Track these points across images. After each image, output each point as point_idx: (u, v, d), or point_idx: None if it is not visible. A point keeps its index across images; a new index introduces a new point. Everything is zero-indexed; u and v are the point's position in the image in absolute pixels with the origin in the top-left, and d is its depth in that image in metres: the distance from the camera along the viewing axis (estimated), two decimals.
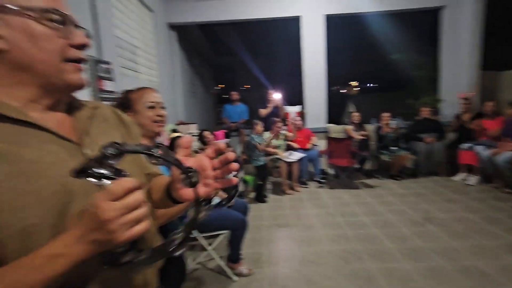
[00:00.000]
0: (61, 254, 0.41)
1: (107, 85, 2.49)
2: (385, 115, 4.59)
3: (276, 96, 4.92)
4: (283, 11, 4.96)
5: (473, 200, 3.37)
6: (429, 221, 2.88)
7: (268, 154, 4.14)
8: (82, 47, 0.54)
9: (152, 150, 0.45)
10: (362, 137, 4.51)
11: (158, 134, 1.26)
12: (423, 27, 5.50)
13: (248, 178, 4.11)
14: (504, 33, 6.35)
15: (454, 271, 2.04)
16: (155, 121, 1.22)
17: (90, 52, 2.37)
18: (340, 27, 5.85)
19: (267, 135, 4.26)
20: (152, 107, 1.21)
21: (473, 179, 3.97)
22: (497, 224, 2.72)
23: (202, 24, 5.68)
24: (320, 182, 4.45)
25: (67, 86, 0.53)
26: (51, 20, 0.49)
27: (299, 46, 5.14)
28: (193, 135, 3.89)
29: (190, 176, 0.49)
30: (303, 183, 4.37)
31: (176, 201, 0.59)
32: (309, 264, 2.25)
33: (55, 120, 0.54)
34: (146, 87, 1.27)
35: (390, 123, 4.60)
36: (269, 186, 4.15)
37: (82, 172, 0.40)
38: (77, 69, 0.53)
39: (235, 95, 5.49)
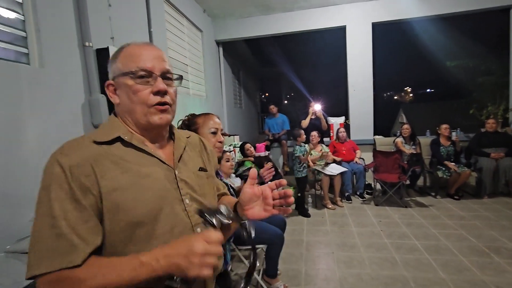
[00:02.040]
0: (149, 264, 0.54)
1: None
2: (444, 126, 4.17)
3: (317, 107, 4.84)
4: (328, 22, 4.92)
5: None
6: (495, 251, 2.52)
7: (309, 166, 4.08)
8: (159, 93, 0.68)
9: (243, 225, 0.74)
10: (413, 152, 4.16)
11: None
12: (487, 30, 4.90)
13: (290, 189, 4.09)
14: None
15: None
16: (216, 147, 1.37)
17: None
18: (392, 33, 5.54)
19: (307, 146, 4.20)
20: (214, 133, 1.37)
21: None
22: None
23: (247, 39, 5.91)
24: (364, 198, 4.22)
25: (151, 125, 0.69)
26: (138, 77, 0.67)
27: (344, 56, 5.01)
28: (235, 146, 4.04)
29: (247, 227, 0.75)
30: (346, 198, 4.18)
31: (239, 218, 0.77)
32: None
33: (161, 147, 0.74)
34: (210, 113, 1.43)
35: (449, 135, 4.16)
36: (310, 199, 4.06)
37: (200, 212, 0.67)
38: (158, 111, 0.68)
39: (273, 108, 5.56)
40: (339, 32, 5.00)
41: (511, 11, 4.39)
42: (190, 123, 1.41)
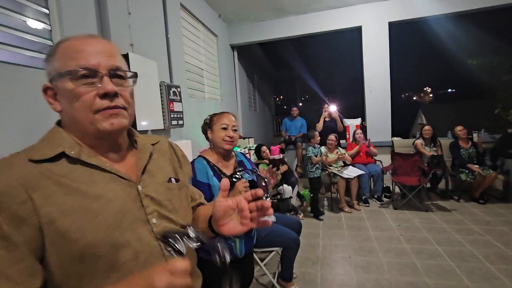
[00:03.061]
0: None
1: (176, 106, 2.81)
2: (458, 128, 4.01)
3: (332, 108, 4.78)
4: (343, 23, 4.86)
5: None
6: None
7: (324, 168, 4.02)
8: (108, 95, 0.56)
9: (221, 254, 0.55)
10: (434, 153, 4.02)
11: (227, 150, 1.46)
12: (509, 26, 4.67)
13: (305, 192, 4.05)
14: None
15: None
16: (224, 140, 1.43)
17: (163, 79, 2.74)
18: (409, 32, 5.41)
19: (323, 149, 4.16)
20: (224, 128, 1.43)
21: None
22: None
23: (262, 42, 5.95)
24: (382, 201, 4.10)
25: (101, 133, 0.57)
26: (79, 78, 0.54)
27: (360, 56, 4.93)
28: (250, 149, 4.05)
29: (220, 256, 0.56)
30: (364, 201, 4.08)
31: (216, 233, 0.66)
32: None
33: (121, 160, 0.63)
34: (226, 112, 1.51)
35: (471, 136, 3.99)
36: (326, 202, 4.00)
37: (164, 238, 0.54)
38: (107, 116, 0.56)
39: (296, 110, 5.54)
40: (355, 33, 4.93)
41: None
42: (209, 121, 1.50)
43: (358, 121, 5.04)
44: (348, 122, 5.07)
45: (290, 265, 2.13)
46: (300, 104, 13.41)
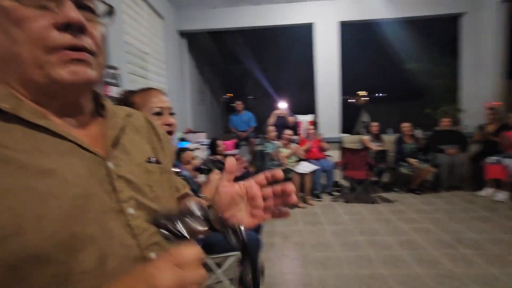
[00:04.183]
0: None
1: (113, 91, 2.36)
2: (406, 125, 4.35)
3: (282, 105, 4.80)
4: (295, 18, 4.85)
5: (506, 219, 3.08)
6: (460, 242, 2.61)
7: (279, 164, 3.95)
8: (71, 27, 0.37)
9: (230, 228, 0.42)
10: (380, 148, 4.28)
11: None
12: (441, 35, 5.30)
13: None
14: None
15: None
16: None
17: None
18: (353, 35, 5.70)
19: (279, 143, 4.08)
20: (159, 113, 1.03)
21: (502, 195, 3.67)
22: None
23: (212, 31, 5.63)
24: (333, 195, 4.21)
25: (55, 85, 0.38)
26: None
27: (312, 53, 5.00)
28: (202, 144, 3.74)
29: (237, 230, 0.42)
30: (316, 196, 4.13)
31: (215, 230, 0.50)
32: None
33: (81, 126, 0.44)
34: (152, 88, 1.09)
35: (411, 134, 4.35)
36: None
37: (156, 221, 0.38)
38: (67, 60, 0.38)
39: (239, 105, 5.37)
40: (307, 30, 4.97)
41: (460, 19, 4.76)
42: (125, 103, 1.03)
43: (310, 117, 5.11)
44: (301, 118, 5.11)
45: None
46: (252, 99, 13.36)
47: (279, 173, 0.49)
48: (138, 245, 0.42)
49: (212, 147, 3.36)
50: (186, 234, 0.37)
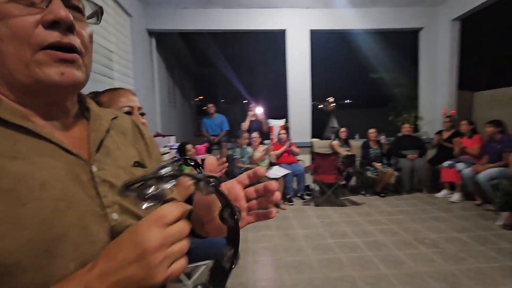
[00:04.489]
0: None
1: None
2: (371, 131, 4.57)
3: (258, 109, 4.81)
4: (268, 24, 4.90)
5: (459, 219, 3.34)
6: (420, 241, 2.78)
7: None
8: (58, 25, 0.37)
9: (209, 178, 0.36)
10: (348, 153, 4.44)
11: None
12: (405, 47, 5.69)
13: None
14: (476, 56, 6.82)
15: None
16: None
17: None
18: (324, 43, 5.91)
19: (249, 149, 4.06)
20: (128, 113, 0.96)
21: (455, 196, 3.99)
22: (488, 244, 2.67)
23: (183, 32, 5.49)
24: (305, 199, 4.28)
25: (40, 85, 0.37)
26: None
27: (284, 59, 5.08)
28: (171, 148, 3.59)
29: (234, 211, 0.37)
30: (288, 200, 4.17)
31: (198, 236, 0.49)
32: None
33: (65, 129, 0.43)
34: (121, 88, 1.03)
35: (378, 139, 4.58)
36: None
37: (125, 187, 0.34)
38: (54, 59, 0.37)
39: (211, 107, 5.29)
40: (280, 36, 5.05)
41: (420, 33, 5.15)
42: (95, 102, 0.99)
43: (282, 121, 5.17)
44: (273, 122, 5.15)
45: None
46: (223, 103, 13.25)
47: (260, 170, 0.46)
48: None
49: (181, 151, 3.24)
50: (160, 193, 0.35)
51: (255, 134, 4.21)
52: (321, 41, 5.47)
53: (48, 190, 0.35)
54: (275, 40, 5.53)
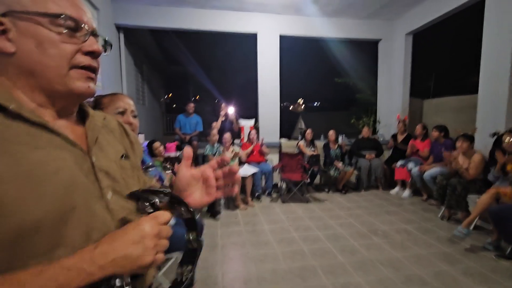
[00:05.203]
0: (79, 269, 0.40)
1: None
2: (330, 132, 4.90)
3: (230, 109, 4.92)
4: (239, 26, 5.01)
5: (407, 212, 3.75)
6: (373, 233, 3.09)
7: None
8: (93, 54, 0.52)
9: (188, 208, 0.53)
10: (313, 153, 4.72)
11: None
12: (367, 56, 6.15)
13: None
14: (426, 67, 7.62)
15: (399, 281, 2.19)
16: None
17: None
18: (295, 48, 6.18)
19: (221, 148, 4.16)
20: (122, 113, 1.15)
21: (406, 193, 4.45)
22: (428, 233, 3.05)
23: (154, 30, 5.40)
24: (272, 196, 4.47)
25: (71, 93, 0.51)
26: (62, 26, 0.49)
27: (255, 62, 5.23)
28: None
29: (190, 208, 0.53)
30: (257, 198, 4.33)
31: None
32: (268, 284, 2.17)
33: (68, 125, 0.54)
34: (119, 93, 1.22)
35: (339, 140, 4.92)
36: (222, 201, 4.00)
37: (134, 195, 0.52)
38: (85, 77, 0.52)
39: (191, 107, 5.29)
40: (251, 38, 5.19)
41: (379, 44, 5.62)
42: (96, 103, 1.17)
43: (252, 122, 5.32)
44: (243, 122, 5.28)
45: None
46: (194, 102, 13.10)
47: (226, 158, 0.62)
48: (115, 226, 0.52)
49: (149, 150, 3.24)
50: (158, 205, 0.50)
51: (227, 135, 4.28)
52: (293, 46, 5.73)
53: (61, 176, 0.45)
54: (247, 43, 5.67)
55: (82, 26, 0.51)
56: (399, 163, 4.59)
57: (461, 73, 6.45)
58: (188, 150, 0.63)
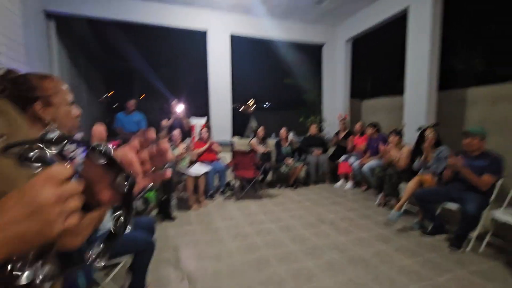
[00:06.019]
0: None
1: None
2: (282, 130, 5.11)
3: (179, 108, 4.79)
4: (188, 23, 4.91)
5: (350, 202, 4.11)
6: (321, 221, 3.32)
7: (170, 166, 3.88)
8: None
9: (99, 147, 0.39)
10: (265, 150, 4.85)
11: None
12: (313, 58, 6.55)
13: (149, 194, 3.70)
14: (364, 70, 8.49)
15: (344, 261, 2.39)
16: (76, 123, 0.99)
17: None
18: (246, 49, 6.26)
19: (171, 146, 4.00)
20: (73, 103, 0.98)
21: (348, 185, 4.86)
22: (368, 219, 3.39)
23: (92, 20, 4.95)
24: (226, 194, 4.47)
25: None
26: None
27: (205, 60, 5.16)
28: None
29: (129, 177, 0.41)
30: (210, 197, 4.28)
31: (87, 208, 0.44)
32: (224, 279, 2.17)
33: None
34: (52, 75, 0.96)
35: (288, 138, 5.14)
36: (173, 202, 3.85)
37: (9, 148, 0.35)
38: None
39: (132, 104, 4.96)
40: (202, 35, 5.11)
41: (323, 47, 6.04)
42: (27, 86, 0.86)
43: (203, 120, 5.24)
44: (195, 121, 5.17)
45: (144, 272, 1.86)
46: (139, 100, 12.29)
47: (151, 133, 0.46)
48: None
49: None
50: (47, 159, 0.37)
51: (176, 132, 4.18)
52: (244, 47, 5.80)
53: None
54: (197, 41, 5.56)
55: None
56: (342, 158, 5.00)
57: (393, 76, 7.32)
58: (99, 128, 0.51)
